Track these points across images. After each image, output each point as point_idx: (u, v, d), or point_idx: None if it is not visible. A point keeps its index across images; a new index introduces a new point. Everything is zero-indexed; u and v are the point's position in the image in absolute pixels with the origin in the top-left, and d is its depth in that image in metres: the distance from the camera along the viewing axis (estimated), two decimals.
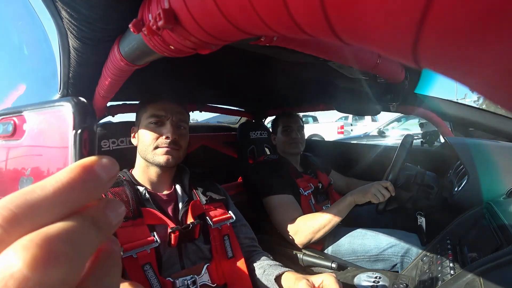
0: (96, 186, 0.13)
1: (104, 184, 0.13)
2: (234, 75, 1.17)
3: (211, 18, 0.25)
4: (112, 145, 0.91)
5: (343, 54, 0.54)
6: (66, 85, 0.75)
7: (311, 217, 1.03)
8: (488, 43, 0.10)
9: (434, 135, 1.40)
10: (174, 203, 0.76)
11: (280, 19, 0.19)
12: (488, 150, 0.94)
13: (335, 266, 0.93)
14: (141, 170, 0.76)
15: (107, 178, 0.13)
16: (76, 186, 0.12)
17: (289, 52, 0.55)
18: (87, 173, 0.13)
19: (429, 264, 0.80)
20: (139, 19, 0.34)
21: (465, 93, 10.85)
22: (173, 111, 0.76)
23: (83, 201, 0.13)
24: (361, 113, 1.21)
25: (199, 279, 0.70)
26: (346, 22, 0.15)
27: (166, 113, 0.75)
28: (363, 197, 0.99)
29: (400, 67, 0.78)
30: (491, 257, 0.55)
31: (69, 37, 0.50)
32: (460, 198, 0.90)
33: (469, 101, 8.64)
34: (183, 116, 0.78)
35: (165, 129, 0.74)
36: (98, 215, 0.13)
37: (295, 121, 1.35)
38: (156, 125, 0.74)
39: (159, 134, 0.73)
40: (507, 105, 0.12)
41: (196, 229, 0.71)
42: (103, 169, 0.13)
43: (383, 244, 1.00)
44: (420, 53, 0.13)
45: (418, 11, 0.11)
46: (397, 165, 1.01)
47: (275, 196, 1.12)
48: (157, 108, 0.75)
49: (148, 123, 0.74)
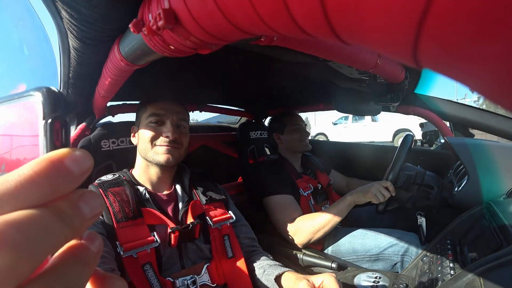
0: (65, 181, 0.12)
1: (75, 178, 0.13)
2: (234, 75, 1.16)
3: (211, 18, 0.25)
4: (112, 145, 0.91)
5: (343, 54, 0.54)
6: (66, 85, 0.75)
7: (311, 217, 1.03)
8: (488, 43, 0.10)
9: (434, 135, 1.40)
10: (174, 203, 0.76)
11: (280, 19, 0.19)
12: (488, 150, 0.94)
13: (335, 266, 0.93)
14: (141, 170, 0.76)
15: (78, 172, 0.13)
16: (40, 181, 0.12)
17: (289, 52, 0.55)
18: (55, 167, 0.12)
19: (429, 264, 0.80)
20: (139, 19, 0.34)
21: (465, 93, 10.85)
22: (173, 110, 0.76)
23: (49, 196, 0.12)
24: (361, 113, 1.21)
25: (199, 279, 0.70)
26: (346, 22, 0.15)
27: (166, 113, 0.75)
28: (363, 197, 0.99)
29: (400, 67, 0.78)
30: (491, 257, 0.55)
31: (69, 37, 0.50)
32: (460, 198, 0.90)
33: (469, 101, 8.65)
34: (183, 115, 0.78)
35: (165, 128, 0.74)
36: (66, 208, 0.12)
37: (301, 120, 1.36)
38: (156, 124, 0.74)
39: (159, 133, 0.74)
40: (507, 105, 0.12)
41: (196, 229, 0.71)
42: (75, 163, 0.12)
43: (383, 243, 1.01)
44: (420, 53, 0.13)
45: (418, 11, 0.11)
46: (397, 165, 1.01)
47: (275, 196, 1.12)
48: (157, 107, 0.75)
49: (148, 122, 0.74)
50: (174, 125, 0.75)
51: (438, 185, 1.01)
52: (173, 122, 0.75)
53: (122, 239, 0.62)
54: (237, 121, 2.02)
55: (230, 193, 0.94)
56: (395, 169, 1.00)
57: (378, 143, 5.03)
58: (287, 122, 1.33)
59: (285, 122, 1.34)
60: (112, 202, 0.65)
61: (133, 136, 0.81)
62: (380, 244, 1.01)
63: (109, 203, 0.65)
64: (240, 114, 1.84)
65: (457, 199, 0.91)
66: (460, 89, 12.08)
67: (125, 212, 0.65)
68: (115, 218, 0.64)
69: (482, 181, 0.87)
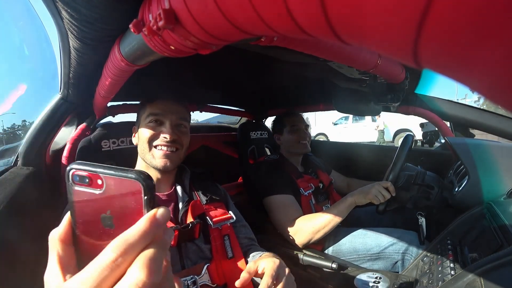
0: (158, 227, 0.22)
1: (163, 225, 0.22)
2: (234, 75, 1.17)
3: (211, 18, 0.25)
4: (112, 145, 0.91)
5: (343, 54, 0.54)
6: (67, 85, 0.75)
7: (311, 217, 1.03)
8: (489, 43, 0.10)
9: (435, 135, 1.40)
10: (174, 203, 0.75)
11: (281, 19, 0.19)
12: (489, 150, 0.94)
13: (335, 266, 0.93)
14: None
15: (163, 222, 0.22)
16: (150, 230, 0.21)
17: (289, 52, 0.55)
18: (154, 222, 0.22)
19: (429, 264, 0.80)
20: (140, 19, 0.34)
21: (465, 93, 10.82)
22: (173, 110, 0.75)
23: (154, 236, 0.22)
24: (361, 113, 1.20)
25: (199, 279, 0.69)
26: (347, 22, 0.15)
27: (165, 112, 0.74)
28: (363, 198, 0.99)
29: (401, 67, 0.78)
30: (491, 258, 0.55)
31: (69, 37, 0.50)
32: (461, 198, 0.90)
33: (470, 101, 8.62)
34: (183, 114, 0.77)
35: (164, 128, 0.73)
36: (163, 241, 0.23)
37: (302, 120, 1.35)
38: (155, 123, 0.74)
39: (158, 133, 0.73)
40: (507, 105, 0.12)
41: (196, 229, 0.71)
42: (162, 217, 0.22)
43: (384, 242, 1.01)
44: (421, 53, 0.13)
45: (419, 11, 0.11)
46: (397, 165, 1.01)
47: (275, 196, 1.12)
48: (155, 107, 0.74)
49: (147, 122, 0.74)
50: (174, 125, 0.74)
51: (438, 185, 1.01)
52: (172, 122, 0.74)
53: None
54: (237, 121, 2.03)
55: (230, 193, 0.94)
56: (395, 169, 1.00)
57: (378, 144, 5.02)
58: (286, 122, 1.33)
59: (284, 122, 1.33)
60: None
61: (133, 136, 0.81)
62: (381, 243, 1.01)
63: None
64: (240, 114, 1.85)
65: (457, 199, 0.91)
66: (461, 89, 12.06)
67: None
68: None
69: (482, 181, 0.87)
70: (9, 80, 3.56)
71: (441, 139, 1.38)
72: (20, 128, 2.87)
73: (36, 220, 0.67)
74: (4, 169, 0.76)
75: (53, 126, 0.85)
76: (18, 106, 1.68)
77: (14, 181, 0.64)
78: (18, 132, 3.04)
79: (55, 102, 0.85)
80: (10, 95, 1.54)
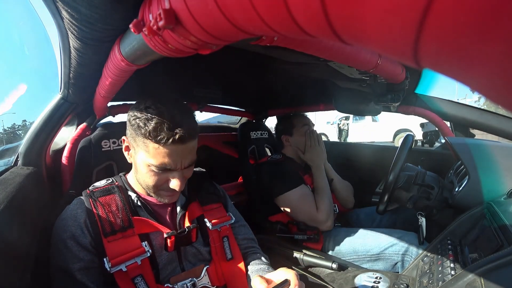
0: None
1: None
2: (234, 75, 1.17)
3: (211, 18, 0.25)
4: (112, 145, 0.91)
5: (343, 54, 0.54)
6: (67, 85, 0.75)
7: (322, 197, 1.16)
8: (489, 43, 0.10)
9: (435, 135, 1.40)
10: (171, 207, 0.74)
11: (281, 19, 0.19)
12: (489, 150, 0.93)
13: (335, 266, 0.93)
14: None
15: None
16: None
17: (289, 52, 0.55)
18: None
19: (429, 264, 0.80)
20: (140, 19, 0.34)
21: (465, 93, 10.82)
22: (184, 153, 0.61)
23: None
24: (361, 113, 1.20)
25: (199, 281, 0.69)
26: (347, 22, 0.15)
27: (175, 165, 0.62)
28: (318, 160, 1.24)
29: (401, 67, 0.78)
30: (492, 258, 0.55)
31: (69, 37, 0.50)
32: (461, 198, 0.90)
33: (470, 101, 8.62)
34: (193, 152, 0.66)
35: (171, 175, 0.64)
36: None
37: (310, 122, 1.37)
38: (160, 171, 0.62)
39: (164, 179, 0.64)
40: (507, 105, 0.12)
41: (193, 233, 0.69)
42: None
43: (384, 243, 1.01)
44: (421, 53, 0.13)
45: (419, 11, 0.11)
46: (397, 165, 1.01)
47: (293, 191, 1.15)
48: (163, 154, 0.59)
49: (150, 168, 0.62)
50: (183, 169, 0.64)
51: (438, 185, 1.01)
52: (182, 172, 0.64)
53: (110, 254, 0.59)
54: (238, 121, 2.03)
55: (230, 193, 0.94)
56: (395, 170, 1.00)
57: (379, 143, 5.02)
58: (296, 123, 1.33)
59: (294, 123, 1.34)
60: (101, 214, 0.62)
61: (125, 151, 0.69)
62: (381, 244, 1.01)
63: (98, 217, 0.61)
64: (240, 114, 1.85)
65: (457, 199, 0.91)
66: (461, 89, 12.07)
67: (114, 225, 0.62)
68: (103, 233, 0.60)
69: (482, 181, 0.87)
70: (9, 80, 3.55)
71: (441, 139, 1.38)
72: (20, 128, 2.88)
73: (36, 220, 0.67)
74: (4, 169, 0.76)
75: (53, 126, 0.85)
76: (18, 106, 1.68)
77: (14, 181, 0.64)
78: (18, 132, 3.05)
79: (55, 102, 0.85)
80: (10, 95, 1.54)
